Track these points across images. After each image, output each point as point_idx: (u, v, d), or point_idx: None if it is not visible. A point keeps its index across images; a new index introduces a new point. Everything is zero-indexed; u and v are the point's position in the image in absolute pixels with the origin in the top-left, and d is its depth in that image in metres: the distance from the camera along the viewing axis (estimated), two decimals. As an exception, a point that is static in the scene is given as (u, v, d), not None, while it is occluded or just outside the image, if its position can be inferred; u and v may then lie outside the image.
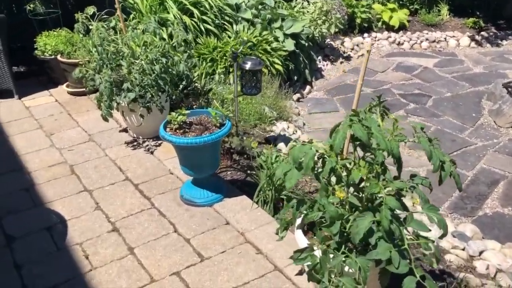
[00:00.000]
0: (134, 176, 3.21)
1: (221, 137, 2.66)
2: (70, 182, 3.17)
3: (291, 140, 4.17)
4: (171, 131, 2.76)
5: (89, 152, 3.54)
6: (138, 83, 3.31)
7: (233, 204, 2.87)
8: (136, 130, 3.66)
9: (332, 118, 5.09)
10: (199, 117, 2.90)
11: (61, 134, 3.83)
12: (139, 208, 2.87)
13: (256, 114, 4.35)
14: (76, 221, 2.78)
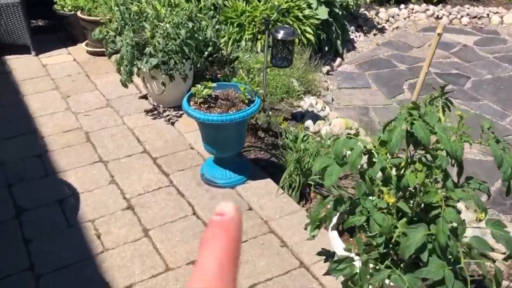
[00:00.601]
0: (152, 148, 3.01)
1: (249, 115, 2.43)
2: (84, 151, 2.98)
3: (319, 117, 3.92)
4: (195, 105, 2.53)
5: (106, 118, 3.34)
6: (161, 48, 3.06)
7: (257, 187, 2.65)
8: (156, 98, 3.44)
9: (362, 94, 4.80)
10: (226, 90, 2.66)
11: (78, 97, 3.63)
12: (157, 185, 2.68)
13: (283, 87, 4.09)
14: (89, 195, 2.60)
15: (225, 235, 0.27)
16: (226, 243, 0.27)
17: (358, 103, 4.61)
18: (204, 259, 0.27)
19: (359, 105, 4.58)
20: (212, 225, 0.28)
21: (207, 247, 0.27)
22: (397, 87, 4.92)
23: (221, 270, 0.26)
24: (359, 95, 4.79)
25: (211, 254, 0.27)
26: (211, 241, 0.27)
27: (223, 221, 0.28)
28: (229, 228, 0.28)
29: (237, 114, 2.38)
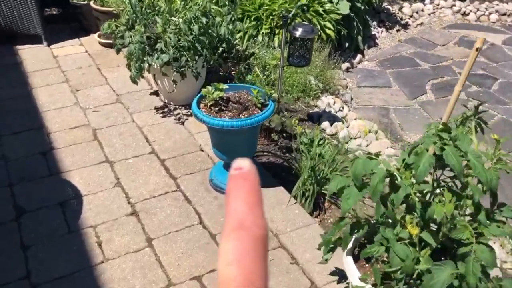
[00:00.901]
0: (161, 149, 2.88)
1: (261, 121, 2.27)
2: (91, 150, 2.87)
3: (336, 119, 3.75)
4: (205, 108, 2.39)
5: (115, 115, 3.22)
6: (173, 44, 2.92)
7: (268, 196, 2.51)
8: (167, 96, 3.31)
9: (383, 94, 4.60)
10: (238, 93, 2.51)
11: (88, 91, 3.51)
12: (163, 190, 2.55)
13: (300, 86, 3.92)
14: (93, 198, 2.49)
15: (247, 182, 0.30)
16: (249, 187, 0.29)
17: (378, 103, 4.42)
18: (233, 204, 0.29)
19: (379, 105, 4.39)
20: (233, 177, 0.30)
21: (232, 194, 0.29)
22: (420, 88, 4.71)
23: (249, 207, 0.29)
24: (380, 95, 4.60)
25: (237, 198, 0.29)
26: (235, 189, 0.29)
27: (242, 173, 0.30)
28: (249, 176, 0.30)
29: (249, 120, 2.23)
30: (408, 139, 3.93)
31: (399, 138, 3.93)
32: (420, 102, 4.47)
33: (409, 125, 4.12)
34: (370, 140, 3.57)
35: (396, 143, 3.87)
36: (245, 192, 0.30)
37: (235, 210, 0.29)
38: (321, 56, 4.34)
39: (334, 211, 2.66)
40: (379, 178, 1.39)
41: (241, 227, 0.29)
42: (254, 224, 0.29)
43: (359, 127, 3.71)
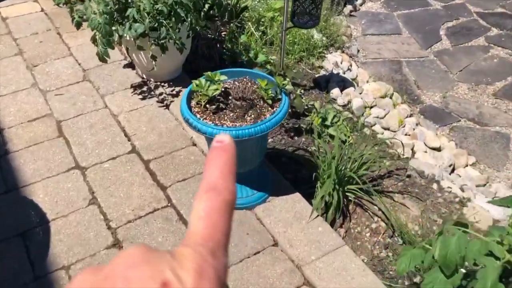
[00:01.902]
0: (143, 146, 2.34)
1: (274, 126, 1.73)
2: (56, 151, 2.31)
3: (347, 82, 3.20)
4: (198, 107, 1.82)
5: (83, 99, 2.62)
6: (148, 10, 2.28)
7: (282, 208, 2.03)
8: (146, 71, 2.70)
9: (393, 43, 4.01)
10: (240, 81, 1.94)
11: (47, 66, 2.87)
12: (151, 206, 2.05)
13: (302, 44, 3.32)
14: (63, 223, 1.98)
15: (225, 153, 0.32)
16: (226, 158, 0.32)
17: (389, 55, 3.85)
18: (210, 170, 0.32)
19: (389, 57, 3.83)
20: (215, 148, 0.33)
21: (211, 162, 0.32)
22: (433, 33, 4.12)
23: (223, 174, 0.31)
24: (389, 44, 4.01)
25: (215, 165, 0.32)
26: (214, 158, 0.32)
27: (223, 145, 0.33)
28: (228, 149, 0.33)
29: (258, 127, 1.68)
30: (426, 100, 3.42)
31: (416, 99, 3.42)
32: (436, 52, 3.91)
33: (425, 81, 3.59)
34: (387, 107, 3.05)
35: (414, 105, 3.36)
36: (222, 162, 0.32)
37: (211, 175, 0.32)
38: (324, 3, 3.69)
39: (360, 215, 2.21)
40: (492, 278, 0.90)
41: (214, 189, 0.31)
42: (225, 188, 0.31)
43: (373, 92, 3.17)
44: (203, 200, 0.31)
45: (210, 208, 0.30)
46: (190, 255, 0.27)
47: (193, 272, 0.25)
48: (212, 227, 0.29)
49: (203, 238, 0.29)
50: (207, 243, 0.28)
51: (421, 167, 2.52)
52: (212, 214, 0.30)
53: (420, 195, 2.36)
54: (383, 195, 2.33)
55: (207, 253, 0.27)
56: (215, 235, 0.29)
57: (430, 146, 2.80)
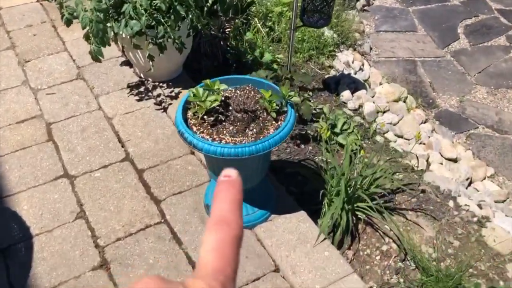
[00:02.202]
0: (138, 153, 2.17)
1: (279, 143, 1.56)
2: (44, 156, 2.15)
3: (358, 84, 3.01)
4: (195, 119, 1.65)
5: (76, 100, 2.46)
6: (145, 7, 2.10)
7: (285, 229, 1.86)
8: (143, 69, 2.52)
9: (407, 41, 3.81)
10: (242, 89, 1.76)
11: (40, 62, 2.71)
12: (143, 222, 1.89)
13: (312, 41, 3.12)
14: (47, 239, 1.82)
15: (233, 188, 0.33)
16: (234, 193, 0.33)
17: (403, 54, 3.64)
18: (218, 204, 0.32)
19: (403, 57, 3.62)
20: (222, 182, 0.34)
21: (220, 196, 0.33)
22: (451, 31, 3.91)
23: (232, 209, 0.32)
24: (403, 42, 3.80)
25: (223, 200, 0.33)
26: (222, 192, 0.33)
27: (230, 180, 0.34)
28: (235, 184, 0.34)
29: (261, 144, 1.51)
30: (442, 104, 3.23)
31: (431, 103, 3.22)
32: (453, 52, 3.70)
33: (441, 83, 3.39)
34: (401, 112, 2.86)
35: (429, 109, 3.16)
36: (230, 196, 0.33)
37: (220, 209, 0.32)
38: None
39: (370, 235, 2.03)
40: None
41: (224, 223, 0.31)
42: (234, 223, 0.32)
43: (386, 95, 2.98)
44: (213, 233, 0.31)
45: (221, 241, 0.31)
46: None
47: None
48: (223, 259, 0.30)
49: (215, 270, 0.29)
50: (219, 277, 0.29)
51: (436, 181, 2.34)
52: (222, 246, 0.30)
53: (435, 213, 2.19)
54: (395, 212, 2.15)
55: (217, 286, 0.28)
56: (226, 268, 0.30)
57: (446, 157, 2.62)
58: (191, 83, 2.56)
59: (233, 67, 2.79)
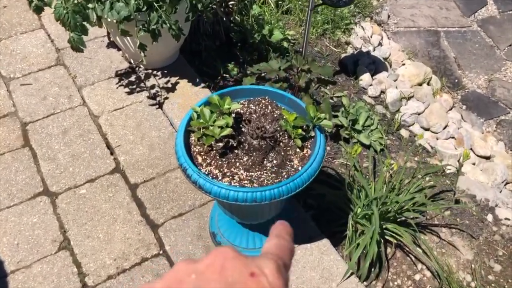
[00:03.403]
0: (130, 162, 1.85)
1: (307, 182, 1.24)
2: (20, 167, 1.83)
3: (378, 64, 2.65)
4: (200, 146, 1.33)
5: (55, 92, 2.10)
6: (134, -13, 1.71)
7: (306, 264, 1.58)
8: (133, 55, 2.15)
9: (429, 7, 3.41)
10: (257, 102, 1.42)
11: (12, 42, 2.32)
12: (138, 255, 1.60)
13: (326, 13, 2.73)
14: (25, 278, 1.54)
15: (288, 228, 0.38)
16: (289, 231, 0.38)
17: (424, 23, 3.26)
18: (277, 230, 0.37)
19: (425, 26, 3.24)
20: (280, 222, 0.38)
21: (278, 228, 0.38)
22: (478, -4, 3.50)
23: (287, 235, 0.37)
24: (425, 9, 3.40)
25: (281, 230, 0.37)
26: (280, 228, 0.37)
27: (286, 224, 0.38)
28: (289, 227, 0.38)
29: (286, 185, 1.20)
30: (469, 84, 2.89)
31: (457, 83, 2.89)
32: (480, 21, 3.32)
33: (467, 59, 3.04)
34: (426, 99, 2.53)
35: (454, 91, 2.83)
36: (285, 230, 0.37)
37: (278, 231, 0.38)
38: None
39: (401, 261, 1.77)
40: None
41: (282, 237, 0.36)
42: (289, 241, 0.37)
43: (410, 77, 2.64)
44: (274, 239, 0.36)
45: (281, 244, 0.36)
46: (270, 260, 0.32)
47: (273, 271, 0.31)
48: (283, 253, 0.34)
49: (275, 254, 0.34)
50: (280, 259, 0.33)
51: (471, 188, 2.06)
52: (282, 247, 0.35)
53: (472, 229, 1.92)
54: (427, 230, 1.88)
55: (281, 263, 0.33)
56: (284, 258, 0.34)
57: (479, 154, 2.32)
58: (189, 70, 2.20)
59: (238, 47, 2.42)
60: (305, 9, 2.68)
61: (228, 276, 0.30)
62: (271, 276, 0.30)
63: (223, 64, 2.28)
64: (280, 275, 0.31)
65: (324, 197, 1.84)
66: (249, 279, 0.30)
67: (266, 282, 0.30)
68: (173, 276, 0.30)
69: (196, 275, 0.30)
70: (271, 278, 0.30)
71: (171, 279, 0.30)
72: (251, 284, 0.29)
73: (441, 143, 2.31)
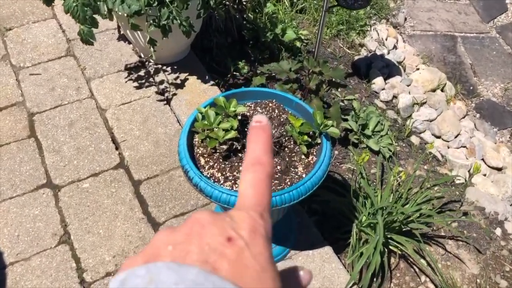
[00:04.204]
0: (135, 158, 1.84)
1: (310, 191, 1.21)
2: (24, 158, 1.82)
3: (392, 68, 2.61)
4: (203, 147, 1.30)
5: (64, 84, 2.09)
6: (145, -19, 1.68)
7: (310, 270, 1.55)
8: (143, 49, 2.13)
9: (448, 11, 3.34)
10: (264, 105, 1.39)
11: (24, 30, 2.31)
12: (137, 253, 1.58)
13: (342, 13, 2.69)
14: (23, 270, 1.53)
15: (265, 133, 0.36)
16: (266, 137, 0.36)
17: (441, 28, 3.20)
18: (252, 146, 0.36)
19: (442, 31, 3.18)
20: (255, 127, 0.37)
21: (253, 139, 0.36)
22: (498, 1, 3.42)
23: (265, 150, 0.35)
24: (443, 13, 3.33)
25: (257, 142, 0.36)
26: (255, 135, 0.36)
27: (262, 125, 0.37)
28: (266, 129, 0.37)
29: (289, 193, 1.17)
30: (484, 92, 2.83)
31: (472, 90, 2.82)
32: (499, 27, 3.24)
33: (484, 66, 2.98)
34: (439, 106, 2.48)
35: (469, 99, 2.77)
36: (263, 139, 0.36)
37: (254, 150, 0.35)
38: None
39: (404, 272, 1.73)
40: None
41: (259, 163, 0.35)
42: (267, 162, 0.35)
43: (423, 83, 2.59)
44: (250, 172, 0.35)
45: (258, 179, 0.34)
46: (246, 217, 0.31)
47: (249, 231, 0.30)
48: (260, 195, 0.34)
49: (253, 204, 0.33)
50: (257, 208, 0.33)
51: (481, 200, 2.01)
52: (259, 184, 0.34)
53: (479, 243, 1.87)
54: (433, 241, 1.84)
55: (257, 216, 0.32)
56: (262, 201, 0.33)
57: (490, 165, 2.27)
58: (199, 66, 2.18)
59: (250, 45, 2.39)
60: (320, 9, 2.64)
61: (205, 245, 0.29)
62: (248, 237, 0.30)
63: (234, 62, 2.25)
64: (257, 233, 0.31)
65: (328, 203, 1.81)
66: (226, 246, 0.29)
67: (243, 245, 0.29)
68: (151, 249, 0.30)
69: (173, 246, 0.29)
70: (249, 239, 0.30)
71: (149, 252, 0.30)
72: (229, 251, 0.29)
73: (452, 152, 2.27)
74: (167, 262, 0.27)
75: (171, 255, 0.29)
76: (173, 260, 0.28)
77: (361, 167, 1.68)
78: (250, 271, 0.28)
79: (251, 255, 0.29)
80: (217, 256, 0.28)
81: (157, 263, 0.27)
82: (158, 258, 0.29)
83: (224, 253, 0.29)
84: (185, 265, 0.27)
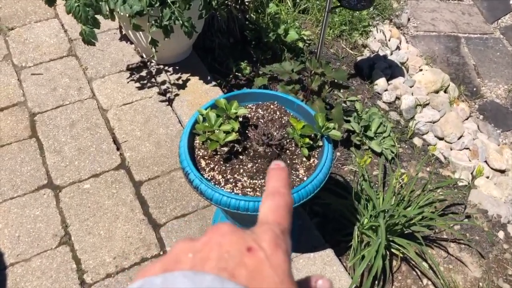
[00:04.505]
0: (136, 158, 1.83)
1: (311, 194, 1.21)
2: (25, 158, 1.82)
3: (394, 69, 2.59)
4: (204, 149, 1.30)
5: (65, 84, 2.09)
6: (147, -18, 1.68)
7: (308, 272, 1.55)
8: (145, 49, 2.13)
9: (451, 12, 3.32)
10: (265, 108, 1.39)
11: (26, 30, 2.31)
12: (138, 254, 1.58)
13: (344, 14, 2.68)
14: (24, 271, 1.53)
15: (283, 172, 0.38)
16: (284, 176, 0.38)
17: (445, 28, 3.18)
18: (272, 181, 0.37)
19: (445, 31, 3.16)
20: (274, 168, 0.39)
21: (273, 177, 0.38)
22: (502, 2, 3.40)
23: (283, 185, 0.37)
24: (446, 14, 3.32)
25: (276, 179, 0.37)
26: (275, 174, 0.38)
27: (279, 167, 0.39)
28: (284, 169, 0.39)
29: (288, 197, 1.16)
30: (487, 94, 2.82)
31: (475, 91, 2.81)
32: (503, 28, 3.23)
33: (487, 67, 2.96)
34: (442, 107, 2.47)
35: (472, 100, 2.76)
36: (281, 177, 0.38)
37: (274, 185, 0.37)
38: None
39: (406, 275, 1.72)
40: None
41: (278, 193, 0.36)
42: (286, 194, 0.36)
43: (426, 84, 2.58)
44: (269, 200, 0.36)
45: (277, 205, 0.36)
46: (267, 230, 0.32)
47: (269, 243, 0.31)
48: (280, 218, 0.34)
49: (273, 222, 0.34)
50: (277, 226, 0.33)
51: (483, 203, 2.00)
52: (279, 209, 0.35)
53: (482, 246, 1.86)
54: (435, 244, 1.83)
55: (279, 231, 0.32)
56: (283, 223, 0.34)
57: (493, 168, 2.26)
58: (201, 67, 2.17)
59: (252, 46, 2.38)
60: (323, 9, 2.63)
61: (224, 252, 0.29)
62: (269, 249, 0.30)
63: (236, 63, 2.24)
64: (278, 247, 0.31)
65: (330, 205, 1.80)
66: (246, 255, 0.29)
67: (263, 256, 0.30)
68: (171, 257, 0.30)
69: (193, 253, 0.30)
70: (269, 251, 0.30)
71: (169, 260, 0.30)
72: (248, 260, 0.29)
73: (455, 154, 2.25)
74: (183, 271, 0.28)
75: (190, 262, 0.29)
76: (192, 267, 0.29)
77: (363, 169, 1.67)
78: (268, 282, 0.28)
79: (270, 267, 0.29)
80: (236, 263, 0.28)
81: (174, 273, 0.27)
82: (178, 264, 0.29)
83: (243, 262, 0.29)
84: (201, 272, 0.27)
